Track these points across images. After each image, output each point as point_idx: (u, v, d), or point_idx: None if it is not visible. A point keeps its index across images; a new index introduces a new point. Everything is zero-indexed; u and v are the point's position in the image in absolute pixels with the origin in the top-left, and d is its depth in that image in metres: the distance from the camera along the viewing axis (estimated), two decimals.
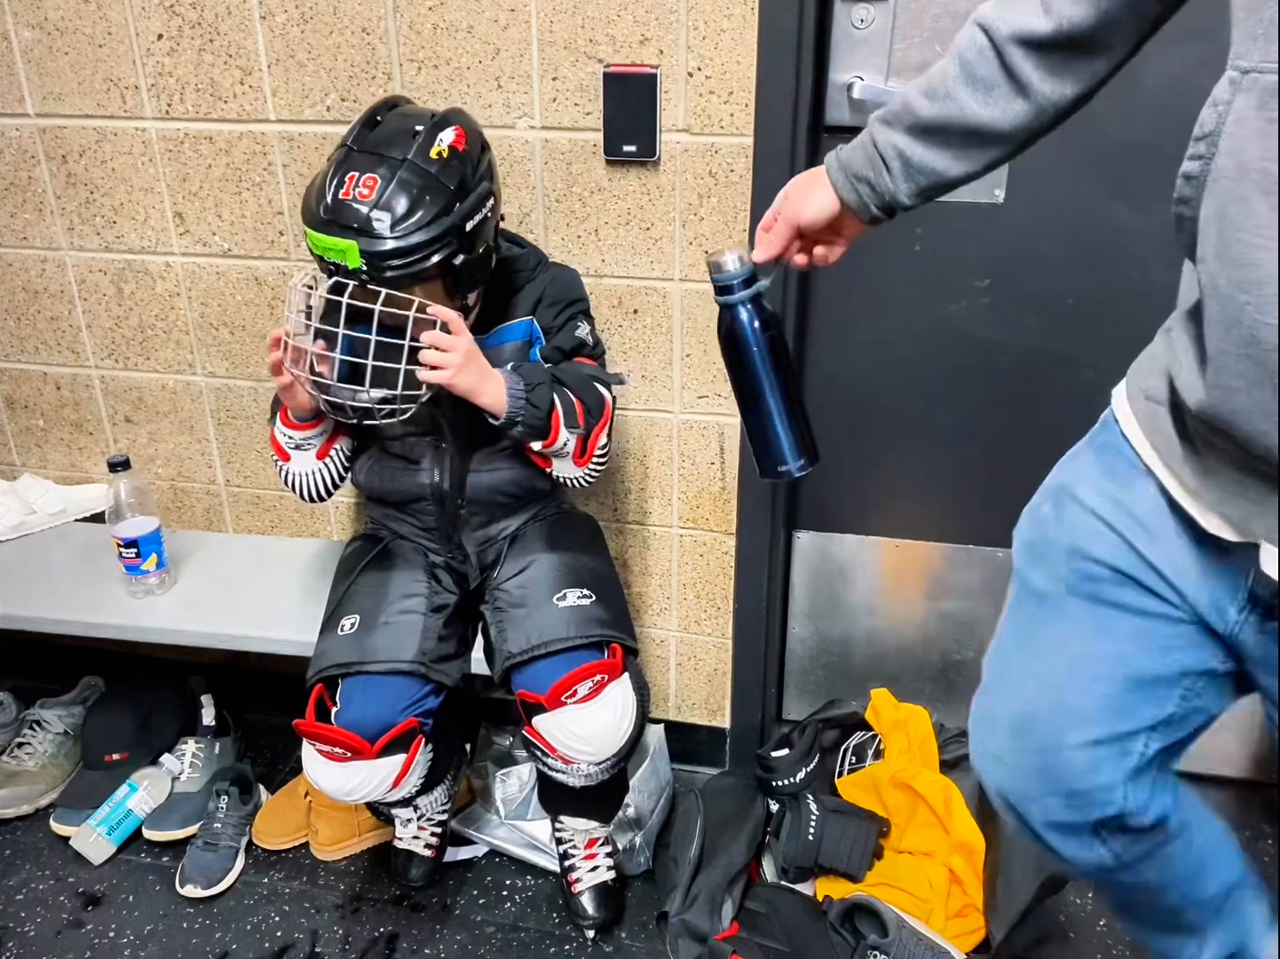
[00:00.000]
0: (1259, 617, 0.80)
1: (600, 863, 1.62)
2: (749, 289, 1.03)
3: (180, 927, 1.62)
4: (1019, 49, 0.83)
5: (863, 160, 0.94)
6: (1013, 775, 0.96)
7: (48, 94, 1.65)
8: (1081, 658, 0.90)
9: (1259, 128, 0.64)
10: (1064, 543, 0.90)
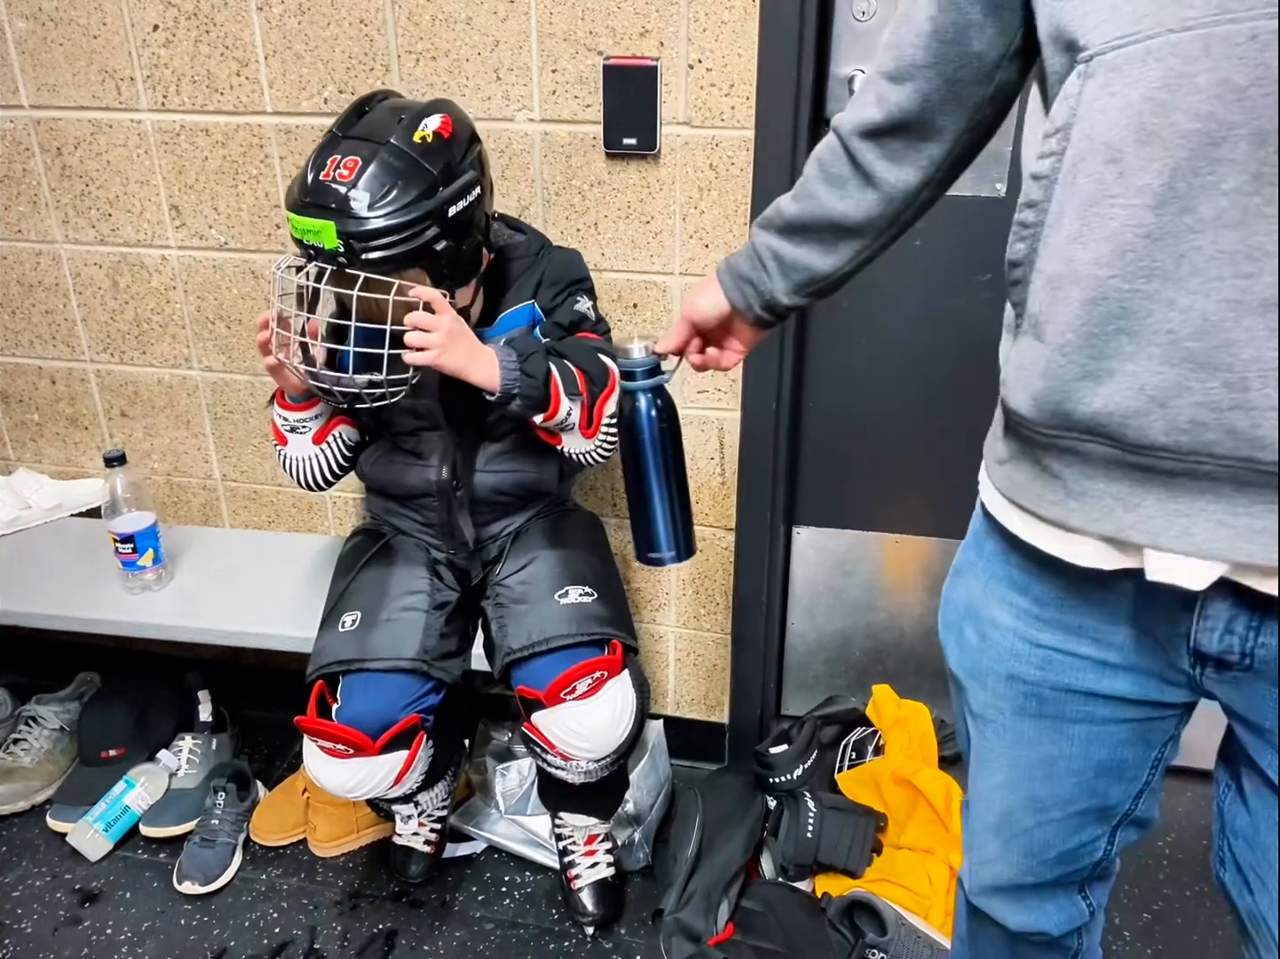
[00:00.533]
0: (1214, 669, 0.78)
1: (600, 859, 1.62)
2: (651, 379, 1.06)
3: (178, 923, 1.61)
4: (861, 140, 0.88)
5: (746, 263, 0.98)
6: (1004, 865, 0.99)
7: (42, 85, 1.64)
8: (1043, 760, 0.91)
9: (1104, 104, 0.66)
10: (999, 670, 0.89)
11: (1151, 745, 0.89)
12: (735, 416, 1.65)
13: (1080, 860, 0.97)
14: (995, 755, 0.94)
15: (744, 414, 1.65)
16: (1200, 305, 0.64)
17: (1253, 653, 0.73)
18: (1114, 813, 0.94)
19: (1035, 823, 0.94)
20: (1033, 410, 0.74)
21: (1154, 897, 1.64)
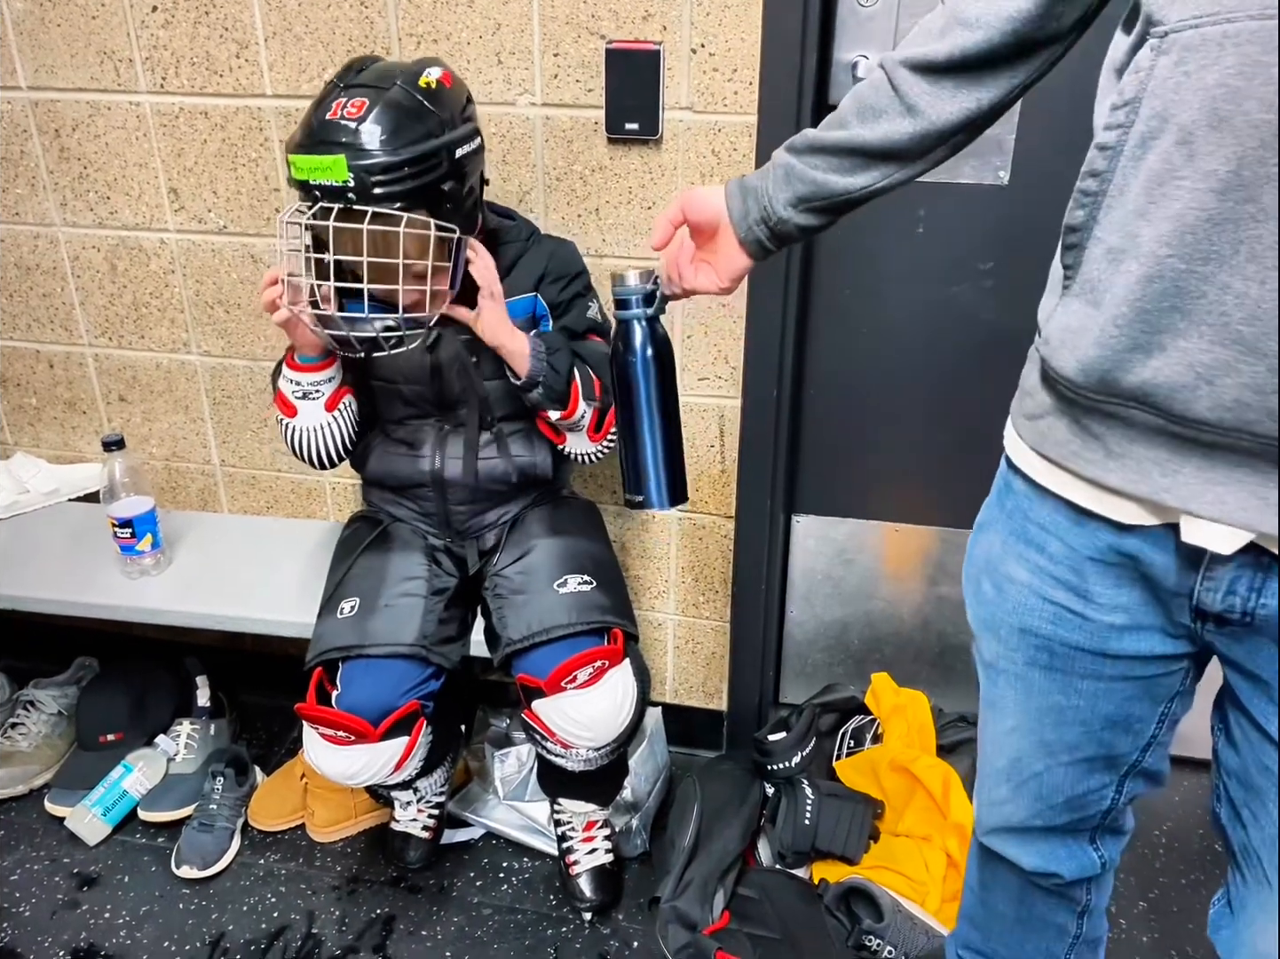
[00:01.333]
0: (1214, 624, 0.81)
1: (598, 846, 1.62)
2: (647, 307, 1.02)
3: (176, 907, 1.62)
4: (911, 73, 0.88)
5: (756, 176, 0.97)
6: (1014, 807, 1.02)
7: (40, 66, 1.63)
8: (1053, 708, 0.94)
9: (1177, 82, 0.67)
10: (1012, 623, 0.92)
11: (1158, 700, 0.91)
12: (736, 404, 1.65)
13: (1089, 808, 0.99)
14: (1007, 702, 0.97)
15: (744, 401, 1.64)
16: (1255, 292, 0.66)
17: (1254, 611, 0.77)
18: (1122, 762, 0.96)
19: (1045, 767, 0.97)
20: (1079, 374, 0.76)
21: (1150, 884, 1.64)
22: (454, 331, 1.38)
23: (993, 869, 1.11)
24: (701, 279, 1.01)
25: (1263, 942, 0.87)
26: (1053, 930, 1.12)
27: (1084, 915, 1.11)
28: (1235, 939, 0.91)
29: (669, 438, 1.05)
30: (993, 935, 1.17)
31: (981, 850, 1.12)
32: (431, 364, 1.41)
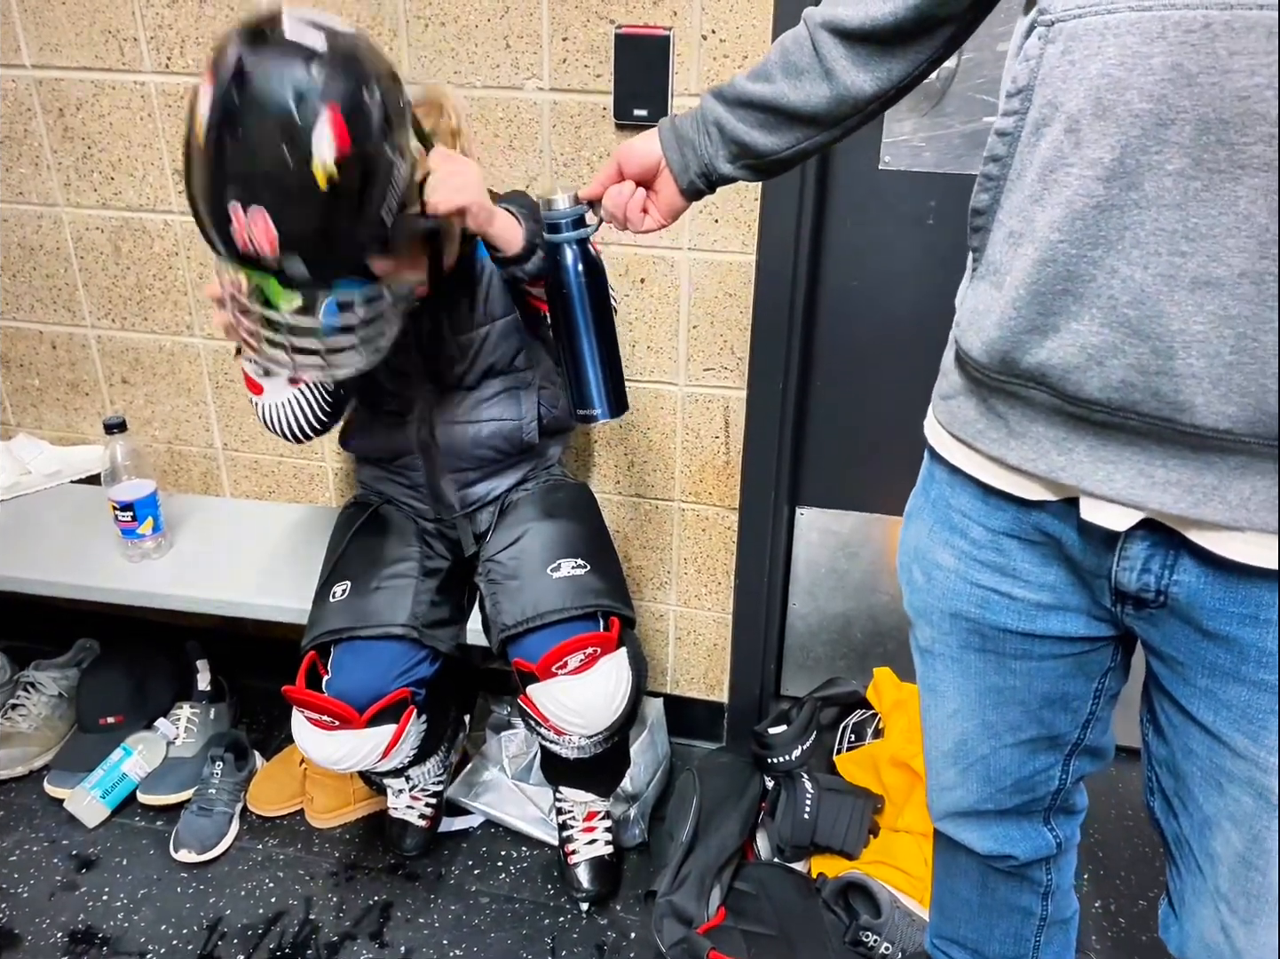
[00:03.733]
0: (1132, 606, 0.82)
1: (598, 837, 1.62)
2: (576, 230, 1.04)
3: (174, 891, 1.62)
4: (829, 36, 0.90)
5: (690, 125, 0.98)
6: (964, 791, 1.04)
7: (44, 44, 1.61)
8: (991, 689, 0.96)
9: (1064, 71, 0.69)
10: (943, 608, 0.95)
11: (1091, 677, 0.93)
12: (741, 395, 1.64)
13: (1038, 789, 1.02)
14: (946, 686, 0.99)
15: (750, 393, 1.63)
16: (1139, 276, 0.67)
17: (1167, 590, 0.78)
18: (1064, 741, 0.98)
19: (990, 749, 0.99)
20: (983, 355, 0.79)
21: (1151, 883, 1.64)
22: None
23: (953, 855, 1.13)
24: (647, 222, 1.04)
25: (1208, 930, 0.87)
26: (1018, 914, 1.14)
27: (1048, 897, 1.12)
28: (1182, 934, 0.92)
29: (608, 352, 1.11)
30: (961, 922, 1.19)
31: (941, 838, 1.13)
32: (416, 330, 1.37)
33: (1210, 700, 0.80)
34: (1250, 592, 0.74)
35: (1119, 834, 1.71)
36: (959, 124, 1.50)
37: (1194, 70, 0.62)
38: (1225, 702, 0.79)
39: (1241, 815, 0.81)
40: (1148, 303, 0.67)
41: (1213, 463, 0.70)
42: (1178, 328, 0.67)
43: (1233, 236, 0.64)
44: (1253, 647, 0.75)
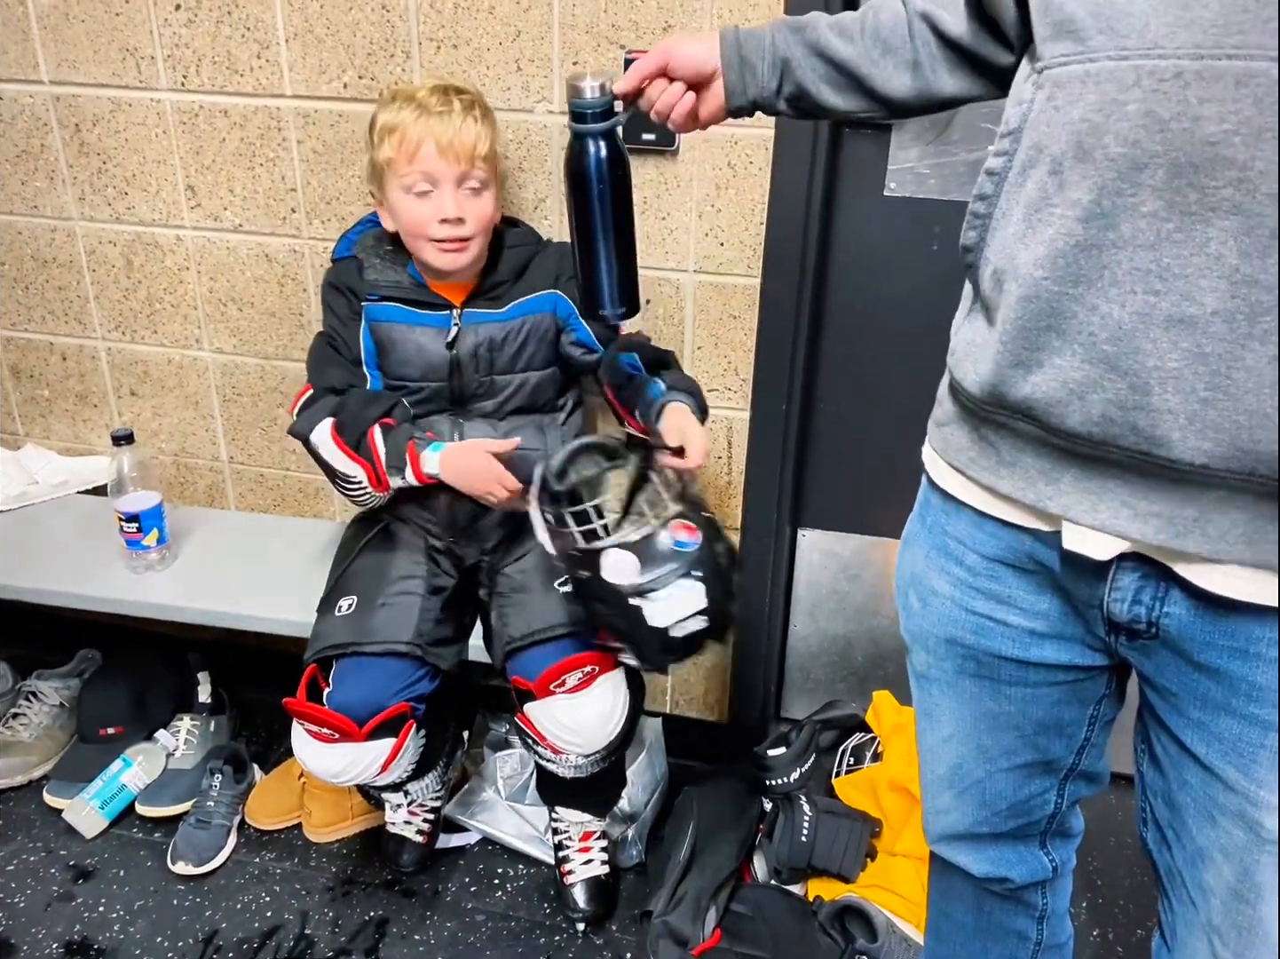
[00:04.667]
0: (1126, 637, 0.83)
1: (594, 857, 1.61)
2: (605, 121, 0.99)
3: (170, 904, 1.62)
4: (931, 33, 0.90)
5: (756, 49, 0.96)
6: (960, 814, 1.04)
7: (62, 61, 1.64)
8: (986, 714, 0.96)
9: (1049, 116, 0.72)
10: (938, 634, 0.95)
11: (1086, 704, 0.94)
12: (744, 416, 1.65)
13: (1033, 813, 1.02)
14: (942, 711, 1.00)
15: (753, 414, 1.64)
16: (1116, 314, 0.69)
17: (1158, 622, 0.79)
18: (1059, 766, 0.98)
19: (985, 773, 0.99)
20: (975, 387, 0.81)
21: (1149, 913, 1.63)
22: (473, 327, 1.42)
23: (948, 879, 1.13)
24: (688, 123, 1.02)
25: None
26: (1014, 938, 1.13)
27: (1043, 921, 1.12)
28: None
29: (628, 253, 1.07)
30: (957, 946, 1.18)
31: (936, 862, 1.13)
32: (451, 360, 1.42)
33: (1202, 732, 0.80)
34: (1239, 625, 0.74)
35: (1118, 862, 1.70)
36: (964, 152, 1.52)
37: (1166, 116, 0.65)
38: (1216, 734, 0.79)
39: (1233, 848, 0.81)
40: (1125, 340, 0.69)
41: (1193, 496, 0.71)
42: (1154, 364, 0.68)
43: (1204, 277, 0.65)
44: (1242, 680, 0.76)
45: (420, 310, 1.43)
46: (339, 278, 1.48)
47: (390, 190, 1.38)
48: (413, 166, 1.34)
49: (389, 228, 1.43)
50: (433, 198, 1.35)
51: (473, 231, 1.37)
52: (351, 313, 1.46)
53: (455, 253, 1.38)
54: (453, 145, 1.34)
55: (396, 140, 1.34)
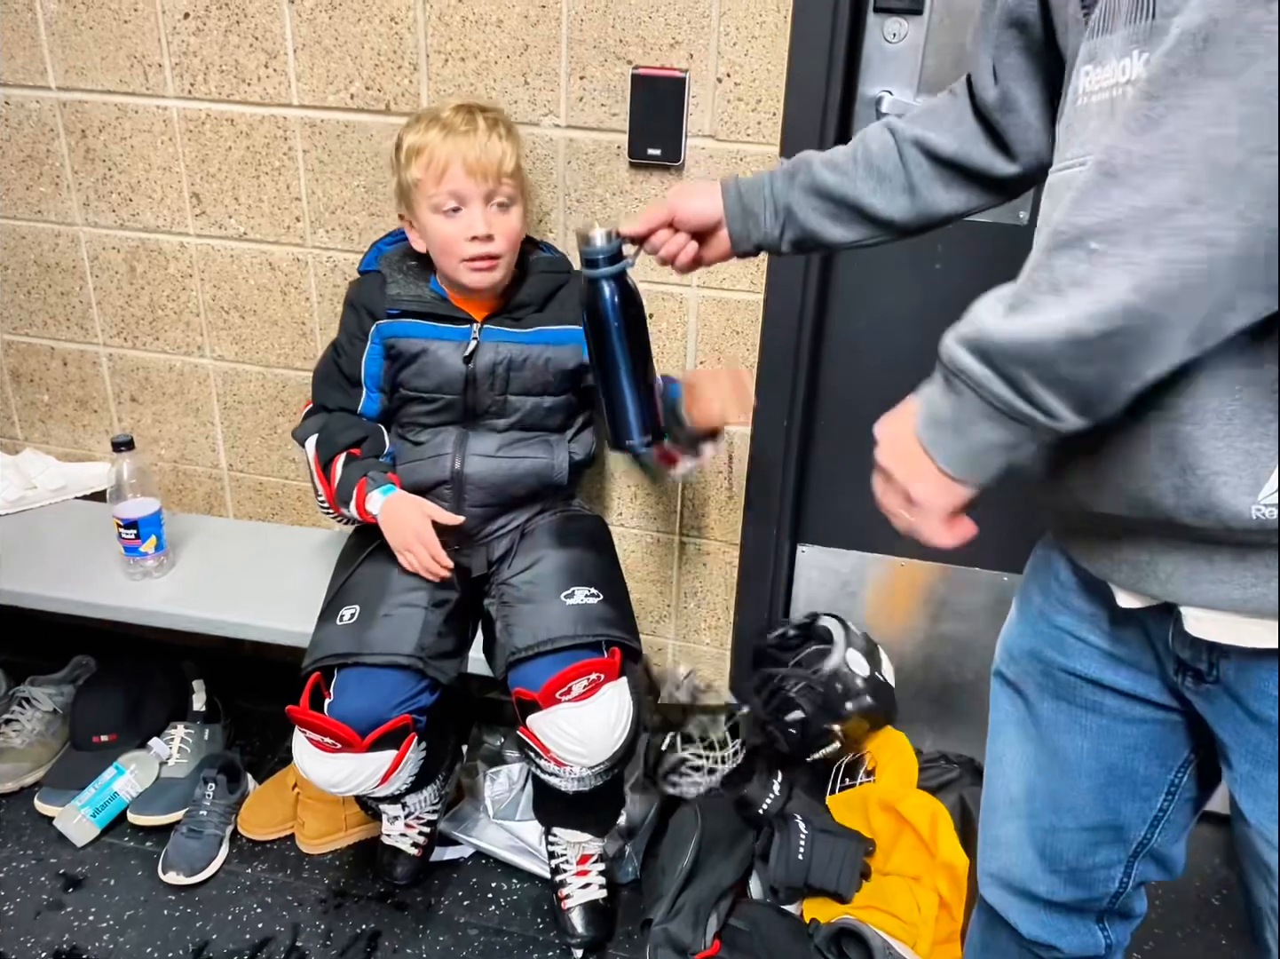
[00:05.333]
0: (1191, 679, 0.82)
1: (592, 880, 1.59)
2: (614, 265, 1.06)
3: (160, 914, 1.60)
4: (920, 155, 0.97)
5: (757, 199, 1.03)
6: (1019, 857, 1.00)
7: (70, 67, 1.64)
8: (1060, 751, 0.95)
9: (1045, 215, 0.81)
10: (1023, 645, 0.96)
11: (1166, 765, 0.91)
12: (745, 432, 1.65)
13: (1095, 887, 0.98)
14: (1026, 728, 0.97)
15: (755, 429, 1.64)
16: None
17: (1217, 664, 0.79)
18: (1129, 837, 0.95)
19: (1053, 825, 0.96)
20: None
21: (1145, 937, 1.62)
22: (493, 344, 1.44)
23: (994, 933, 1.08)
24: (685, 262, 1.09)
25: None
26: None
27: None
28: None
29: (647, 384, 1.13)
30: None
31: (984, 911, 1.09)
32: (467, 374, 1.43)
33: (1251, 788, 0.80)
34: None
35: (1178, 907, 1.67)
36: None
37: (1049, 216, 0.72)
38: (1265, 790, 0.78)
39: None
40: None
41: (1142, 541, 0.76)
42: None
43: None
44: None
45: (440, 324, 1.45)
46: (359, 294, 1.50)
47: (420, 211, 1.40)
48: (441, 186, 1.36)
49: (419, 248, 1.45)
50: (462, 216, 1.37)
51: (502, 249, 1.39)
52: (360, 331, 1.48)
53: (486, 270, 1.39)
54: (479, 163, 1.35)
55: (424, 161, 1.36)
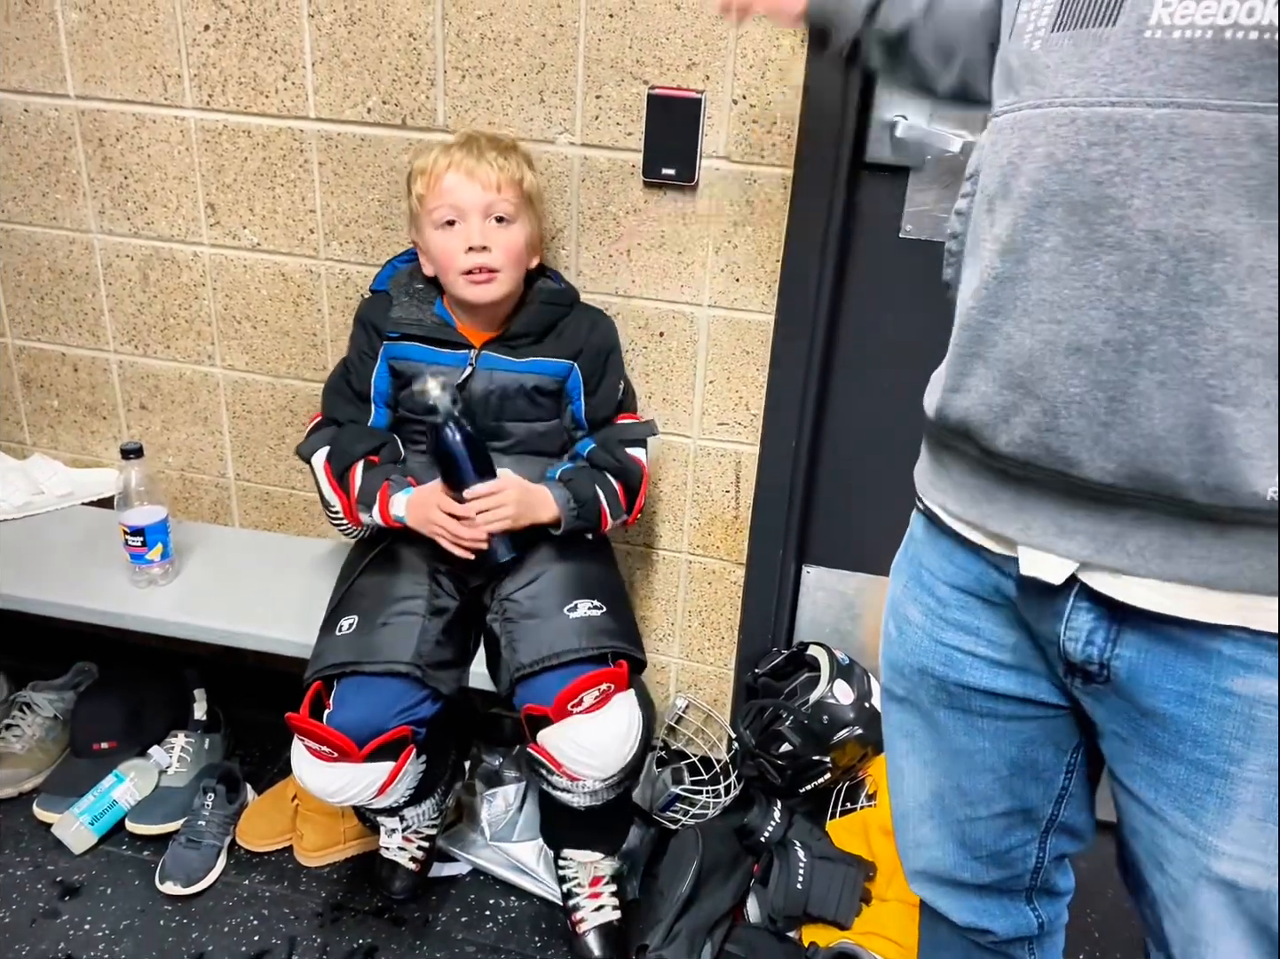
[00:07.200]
0: (1080, 680, 0.84)
1: (605, 902, 1.57)
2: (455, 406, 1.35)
3: (157, 924, 1.59)
4: None
5: None
6: (941, 852, 1.03)
7: (89, 77, 1.65)
8: (962, 752, 0.96)
9: (989, 159, 0.78)
10: (912, 663, 0.96)
11: (1061, 749, 0.94)
12: (754, 451, 1.65)
13: (1015, 865, 1.01)
14: (922, 737, 0.99)
15: (762, 449, 1.64)
16: (1028, 342, 0.74)
17: (1109, 664, 0.80)
18: (1038, 815, 0.98)
19: (966, 817, 0.99)
20: (930, 410, 0.88)
21: None
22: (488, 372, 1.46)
23: (935, 928, 1.12)
24: None
25: None
26: None
27: None
28: None
29: None
30: None
31: (925, 910, 1.12)
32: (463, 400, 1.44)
33: (1150, 778, 0.82)
34: (1186, 670, 0.76)
35: (1116, 916, 1.68)
36: None
37: (1062, 159, 0.70)
38: (1164, 779, 0.80)
39: (1181, 896, 0.82)
40: (1035, 366, 0.74)
41: (1113, 514, 0.75)
42: (1059, 389, 0.73)
43: (1095, 308, 0.70)
44: (1188, 725, 0.77)
45: (439, 349, 1.47)
46: (368, 313, 1.52)
47: (425, 230, 1.43)
48: (441, 200, 1.39)
49: (428, 272, 1.48)
50: (459, 229, 1.39)
51: (500, 262, 1.40)
52: (371, 349, 1.50)
53: (484, 284, 1.40)
54: (474, 174, 1.38)
55: (426, 179, 1.40)
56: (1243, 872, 0.77)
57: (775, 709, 1.65)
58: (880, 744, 1.68)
